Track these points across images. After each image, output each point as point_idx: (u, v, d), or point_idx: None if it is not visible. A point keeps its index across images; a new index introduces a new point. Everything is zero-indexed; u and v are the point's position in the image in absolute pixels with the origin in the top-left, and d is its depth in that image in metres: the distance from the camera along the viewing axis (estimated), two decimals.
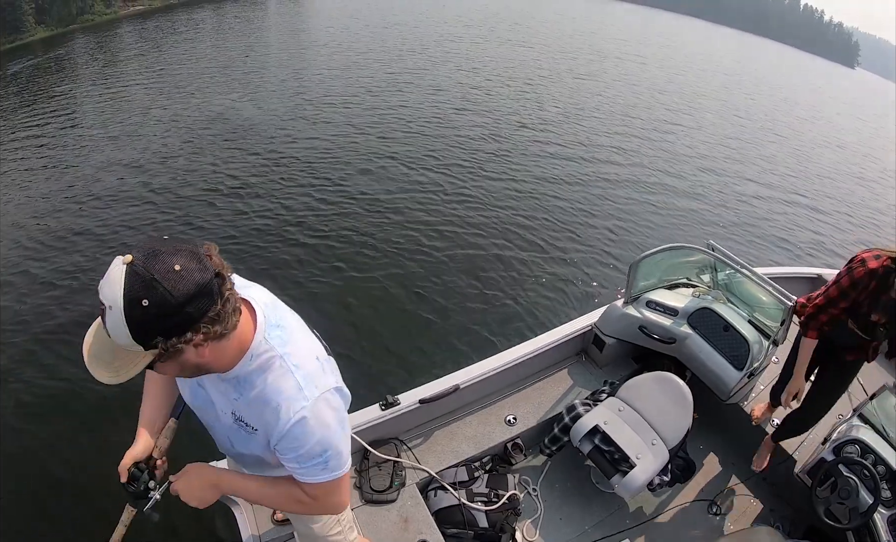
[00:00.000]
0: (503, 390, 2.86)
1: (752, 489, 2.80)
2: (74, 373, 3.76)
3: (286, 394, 1.02)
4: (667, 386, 2.56)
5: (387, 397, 2.48)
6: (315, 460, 1.07)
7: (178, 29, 17.12)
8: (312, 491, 1.14)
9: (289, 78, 12.16)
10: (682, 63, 28.36)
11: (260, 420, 1.07)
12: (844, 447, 2.39)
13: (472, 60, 17.08)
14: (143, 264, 0.79)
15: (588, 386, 2.97)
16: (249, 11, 21.29)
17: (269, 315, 1.07)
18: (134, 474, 1.17)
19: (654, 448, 2.42)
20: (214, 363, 0.97)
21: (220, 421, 1.16)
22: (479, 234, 6.37)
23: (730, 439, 3.00)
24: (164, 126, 8.71)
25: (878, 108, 35.49)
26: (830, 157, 15.16)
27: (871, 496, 2.18)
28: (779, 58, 59.68)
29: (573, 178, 8.87)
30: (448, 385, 2.58)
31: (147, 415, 1.27)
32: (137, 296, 0.78)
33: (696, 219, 8.38)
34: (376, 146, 8.78)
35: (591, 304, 5.22)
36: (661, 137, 12.51)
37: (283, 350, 1.05)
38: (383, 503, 2.34)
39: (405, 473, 2.44)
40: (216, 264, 0.89)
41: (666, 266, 3.16)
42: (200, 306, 0.84)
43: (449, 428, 2.67)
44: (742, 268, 2.73)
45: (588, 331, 3.09)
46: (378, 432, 2.49)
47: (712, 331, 2.81)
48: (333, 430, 1.07)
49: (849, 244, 8.97)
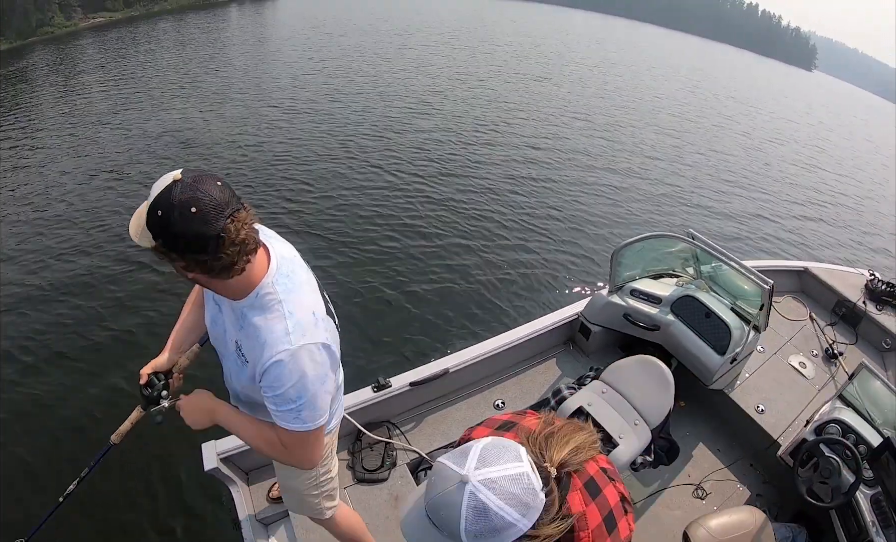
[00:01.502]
0: (492, 375, 2.95)
1: (739, 474, 2.84)
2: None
3: (274, 335, 1.13)
4: (648, 369, 2.63)
5: (379, 379, 2.58)
6: (289, 405, 1.16)
7: (139, 40, 16.98)
8: (285, 437, 1.23)
9: (250, 86, 12.18)
10: (658, 68, 29.03)
11: (251, 353, 1.19)
12: (825, 427, 2.44)
13: (460, 65, 17.60)
14: (180, 188, 0.98)
15: (575, 373, 3.05)
16: (211, 22, 21.05)
17: (283, 265, 1.21)
18: (152, 380, 1.35)
19: (637, 428, 2.49)
20: (210, 286, 1.15)
21: (228, 350, 1.29)
22: (469, 226, 6.59)
23: (716, 425, 3.06)
24: (125, 136, 8.64)
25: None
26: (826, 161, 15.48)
27: (852, 475, 2.22)
28: (740, 63, 59.97)
29: (559, 173, 9.17)
30: (438, 369, 2.67)
31: (177, 336, 1.46)
32: (159, 206, 0.99)
33: (684, 213, 8.65)
34: (367, 141, 9.12)
35: (578, 293, 5.36)
36: (636, 136, 12.91)
37: (284, 297, 1.16)
38: (375, 481, 2.43)
39: (396, 454, 2.53)
40: (229, 229, 1.01)
41: (650, 257, 3.25)
42: (191, 247, 1.01)
43: (439, 411, 2.76)
44: (720, 255, 2.83)
45: (575, 320, 3.18)
46: (370, 414, 2.58)
47: (695, 318, 2.89)
48: (310, 380, 1.15)
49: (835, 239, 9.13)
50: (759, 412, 2.92)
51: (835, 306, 3.80)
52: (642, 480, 2.73)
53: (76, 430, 3.42)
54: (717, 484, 2.78)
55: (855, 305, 3.67)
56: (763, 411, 2.93)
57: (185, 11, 22.50)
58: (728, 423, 3.03)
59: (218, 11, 23.65)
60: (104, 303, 4.64)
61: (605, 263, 6.06)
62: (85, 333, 4.25)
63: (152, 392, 1.33)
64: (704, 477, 2.80)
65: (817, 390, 3.16)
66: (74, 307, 4.57)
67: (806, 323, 3.66)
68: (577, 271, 6.00)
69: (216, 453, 2.14)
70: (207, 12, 22.90)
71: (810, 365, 3.31)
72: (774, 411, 2.95)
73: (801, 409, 2.99)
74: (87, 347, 4.13)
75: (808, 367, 3.29)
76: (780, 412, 2.95)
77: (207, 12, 22.90)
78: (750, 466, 2.89)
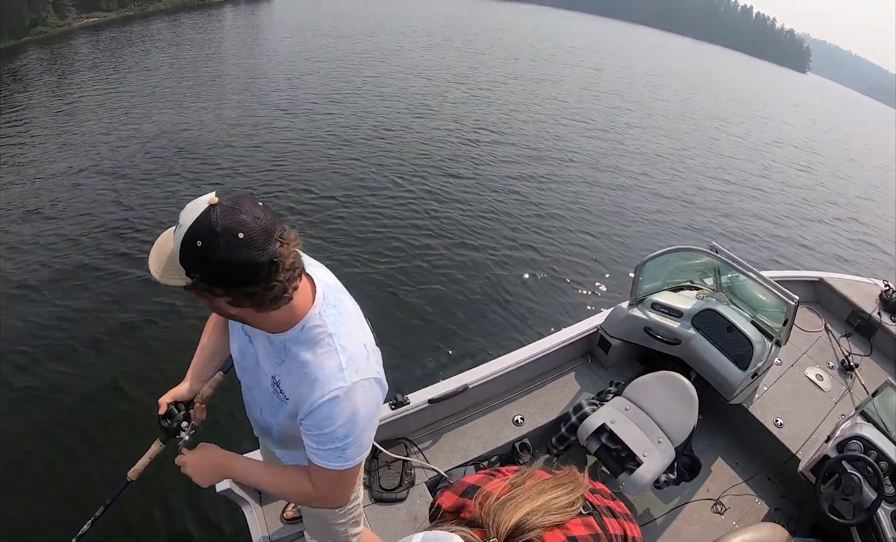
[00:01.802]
0: (511, 390, 2.90)
1: (757, 488, 2.82)
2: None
3: (327, 371, 1.04)
4: (672, 385, 2.59)
5: (396, 396, 2.51)
6: (335, 444, 1.07)
7: (133, 40, 16.57)
8: (321, 476, 1.13)
9: (247, 87, 11.95)
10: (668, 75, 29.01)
11: (295, 391, 1.09)
12: (847, 444, 2.42)
13: (472, 68, 17.46)
14: (220, 213, 0.87)
15: (594, 387, 3.00)
16: (206, 22, 20.69)
17: (329, 295, 1.12)
18: (171, 411, 1.25)
19: (661, 447, 2.45)
20: (253, 322, 1.04)
21: (259, 384, 1.20)
22: (488, 239, 6.49)
23: (735, 439, 3.03)
24: (120, 137, 8.40)
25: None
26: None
27: (874, 491, 2.21)
28: (738, 66, 60.53)
29: (580, 184, 9.10)
30: (457, 385, 2.61)
31: (197, 363, 1.34)
32: (197, 235, 0.87)
33: (699, 224, 8.60)
34: (370, 145, 9.00)
35: (596, 306, 5.29)
36: (657, 144, 12.87)
37: (335, 330, 1.07)
38: (393, 501, 2.36)
39: (414, 472, 2.47)
40: (281, 254, 0.92)
41: (670, 269, 3.20)
42: (239, 278, 0.90)
43: (457, 428, 2.70)
44: (744, 269, 2.79)
45: (594, 333, 3.13)
46: (388, 432, 2.52)
47: (716, 332, 2.85)
48: (361, 418, 1.07)
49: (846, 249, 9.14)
50: (777, 426, 2.89)
51: (849, 316, 3.78)
52: (662, 496, 2.71)
53: (94, 459, 3.24)
54: (736, 499, 2.76)
55: (870, 316, 3.65)
56: (782, 425, 2.90)
57: (179, 11, 22.06)
58: (746, 437, 3.00)
59: (213, 11, 23.27)
60: (99, 304, 4.53)
61: (618, 276, 6.08)
62: (91, 354, 4.06)
63: (172, 424, 1.24)
64: (723, 492, 2.77)
65: (834, 403, 3.14)
66: (61, 308, 4.45)
67: (821, 334, 3.64)
68: (593, 284, 5.94)
69: None
70: (202, 12, 22.51)
71: (827, 377, 3.29)
72: (793, 424, 2.92)
73: (819, 422, 2.96)
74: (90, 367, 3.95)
75: (825, 379, 3.27)
76: (799, 426, 2.92)
77: (202, 12, 22.51)
78: (768, 480, 2.87)
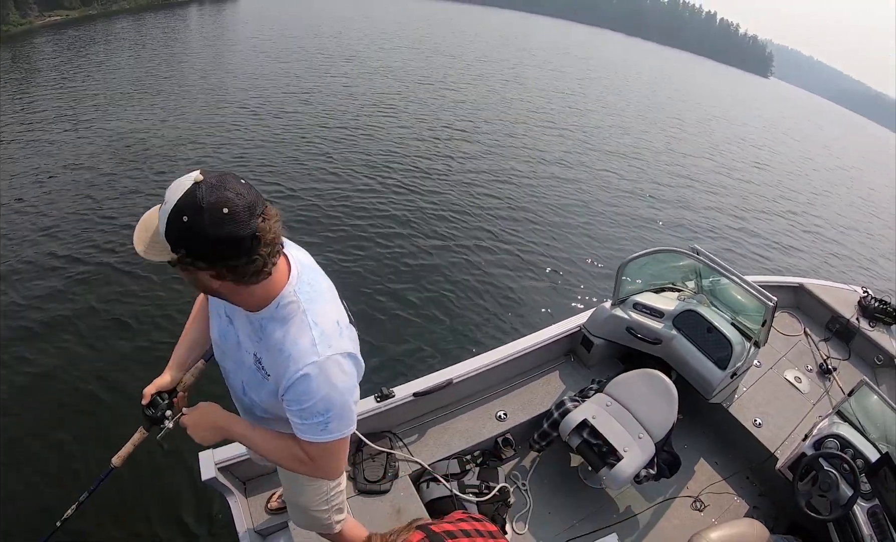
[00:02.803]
0: (494, 386, 2.94)
1: (736, 486, 2.87)
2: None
3: (300, 346, 1.07)
4: (653, 382, 2.65)
5: (381, 389, 2.54)
6: (316, 418, 1.10)
7: (96, 39, 15.98)
8: (310, 450, 1.17)
9: (211, 86, 11.73)
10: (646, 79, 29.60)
11: (274, 367, 1.12)
12: (824, 442, 2.48)
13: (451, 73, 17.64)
14: (205, 190, 0.91)
15: (576, 385, 3.05)
16: (171, 22, 20.22)
17: (303, 273, 1.16)
18: (155, 400, 1.29)
19: (641, 442, 2.50)
20: (233, 298, 1.08)
21: (242, 363, 1.22)
22: (472, 238, 6.57)
23: (714, 438, 3.09)
24: (84, 136, 8.11)
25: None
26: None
27: (850, 488, 2.26)
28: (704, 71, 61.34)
29: (563, 186, 9.27)
30: (441, 380, 2.64)
31: (179, 353, 1.39)
32: (183, 210, 0.91)
33: (682, 226, 8.82)
34: (346, 143, 9.10)
35: (579, 306, 5.36)
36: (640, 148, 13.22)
37: (308, 306, 1.11)
38: (377, 493, 2.38)
39: (398, 464, 2.49)
40: (262, 228, 0.96)
41: (652, 271, 3.27)
42: (222, 252, 0.94)
43: (441, 422, 2.73)
44: (725, 271, 2.86)
45: (576, 332, 3.19)
46: (372, 424, 2.54)
47: (696, 332, 2.91)
48: (339, 392, 1.10)
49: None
50: (756, 426, 2.95)
51: (828, 322, 3.86)
52: (642, 493, 2.75)
53: (79, 446, 3.28)
54: (715, 496, 2.80)
55: (848, 321, 3.74)
56: (760, 424, 2.96)
57: (143, 11, 21.47)
58: (726, 436, 3.06)
59: (177, 11, 22.78)
60: (82, 293, 4.53)
61: (600, 276, 6.17)
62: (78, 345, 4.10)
63: (156, 413, 1.28)
64: (702, 490, 2.82)
65: (812, 404, 3.20)
66: (43, 295, 4.44)
67: (800, 338, 3.72)
68: (576, 284, 6.03)
69: (214, 462, 2.08)
70: (167, 12, 22.05)
71: (805, 380, 3.36)
72: (771, 424, 2.98)
73: (797, 423, 3.03)
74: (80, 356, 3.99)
75: (804, 381, 3.34)
76: (777, 426, 2.98)
77: (167, 12, 22.05)
78: (746, 478, 2.92)
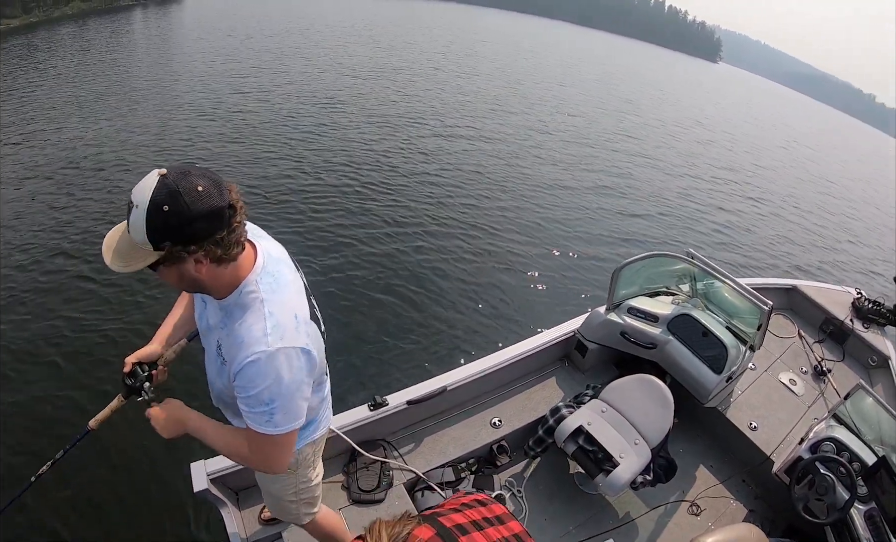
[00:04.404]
0: (489, 393, 2.92)
1: (732, 490, 2.86)
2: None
3: (252, 334, 1.09)
4: (648, 388, 2.64)
5: (375, 397, 2.52)
6: (261, 407, 1.11)
7: (38, 47, 14.74)
8: (254, 440, 1.18)
9: (161, 90, 11.14)
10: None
11: (229, 353, 1.15)
12: (820, 446, 2.48)
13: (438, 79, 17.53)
14: (173, 178, 0.94)
15: (571, 390, 3.04)
16: (116, 26, 19.39)
17: (269, 264, 1.18)
18: (135, 370, 1.32)
19: (637, 448, 2.48)
20: (210, 283, 1.10)
21: (210, 350, 1.25)
22: (465, 243, 6.53)
23: (710, 442, 3.08)
24: (27, 148, 7.46)
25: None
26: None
27: (847, 491, 2.26)
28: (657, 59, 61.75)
29: (557, 189, 9.25)
30: (435, 387, 2.63)
31: (165, 329, 1.43)
32: (161, 201, 0.92)
33: (676, 230, 8.83)
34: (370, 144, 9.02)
35: (573, 311, 5.32)
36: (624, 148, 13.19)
37: (267, 297, 1.13)
38: (371, 502, 2.36)
39: (393, 473, 2.47)
40: (234, 199, 1.02)
41: (647, 275, 3.26)
42: (209, 227, 0.98)
43: (436, 430, 2.71)
44: (719, 275, 2.86)
45: (571, 337, 3.17)
46: (366, 433, 2.52)
47: (691, 336, 2.91)
48: (285, 385, 1.11)
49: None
50: (752, 429, 2.95)
51: (822, 323, 3.87)
52: (639, 498, 2.74)
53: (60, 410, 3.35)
54: (711, 501, 2.79)
55: (842, 323, 3.75)
56: (756, 428, 2.96)
57: (87, 16, 20.51)
58: (721, 440, 3.05)
59: (122, 15, 21.88)
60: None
61: (594, 281, 6.15)
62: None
63: (135, 383, 1.31)
64: (699, 494, 2.81)
65: (807, 406, 3.20)
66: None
67: (795, 340, 3.72)
68: (570, 288, 6.01)
69: (206, 473, 2.05)
70: (111, 16, 21.16)
71: (800, 382, 3.36)
72: (767, 428, 2.98)
73: (793, 426, 3.02)
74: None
75: (798, 384, 3.34)
76: (773, 429, 2.98)
77: (111, 16, 21.16)
78: (743, 482, 2.91)
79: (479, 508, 0.97)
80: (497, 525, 0.95)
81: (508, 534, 0.93)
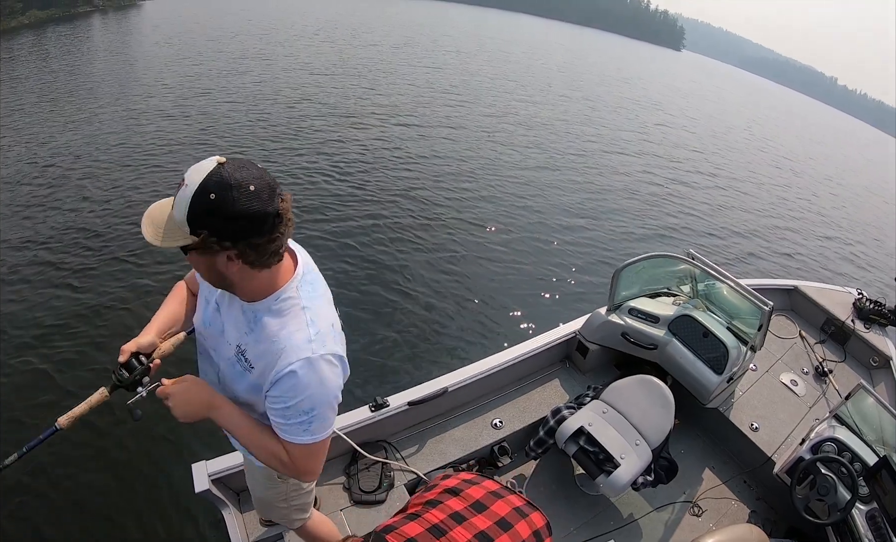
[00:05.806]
0: (489, 394, 2.92)
1: (734, 491, 2.86)
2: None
3: (295, 341, 1.07)
4: (649, 388, 2.64)
5: (376, 398, 2.52)
6: (300, 418, 1.09)
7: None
8: (292, 451, 1.16)
9: (124, 94, 10.83)
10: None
11: (261, 359, 1.11)
12: (822, 446, 2.48)
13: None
14: (228, 169, 0.92)
15: (572, 391, 3.04)
16: (75, 33, 18.88)
17: (307, 272, 1.17)
18: (132, 363, 1.14)
19: (638, 448, 2.48)
20: (239, 283, 1.07)
21: (222, 354, 1.21)
22: (466, 244, 6.54)
23: (711, 443, 3.08)
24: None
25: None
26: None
27: (848, 492, 2.26)
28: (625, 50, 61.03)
29: (557, 190, 9.25)
30: (436, 388, 2.63)
31: (161, 319, 1.29)
32: (210, 188, 0.91)
33: (676, 231, 8.80)
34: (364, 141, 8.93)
35: (574, 312, 5.32)
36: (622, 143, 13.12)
37: (308, 304, 1.12)
38: (372, 503, 2.36)
39: (394, 474, 2.47)
40: (283, 209, 0.99)
41: (647, 276, 3.26)
42: (249, 228, 0.95)
43: (437, 431, 2.71)
44: (720, 276, 2.86)
45: (572, 338, 3.18)
46: (367, 434, 2.52)
47: (692, 337, 2.91)
48: (326, 391, 1.10)
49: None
50: (753, 430, 2.94)
51: (823, 324, 3.87)
52: (640, 498, 2.74)
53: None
54: (713, 501, 2.79)
55: (843, 323, 3.74)
56: (757, 428, 2.95)
57: (45, 24, 19.94)
58: (723, 440, 3.05)
59: (80, 22, 21.38)
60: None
61: (595, 282, 6.14)
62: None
63: (133, 376, 1.11)
64: (700, 495, 2.81)
65: (809, 407, 3.20)
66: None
67: (796, 341, 3.72)
68: (571, 290, 6.02)
69: (207, 474, 2.05)
70: (69, 23, 20.62)
71: (801, 383, 3.36)
72: (768, 428, 2.97)
73: (794, 426, 3.02)
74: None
75: (800, 384, 3.34)
76: (774, 430, 2.98)
77: (69, 23, 20.62)
78: (744, 482, 2.91)
79: (453, 499, 0.95)
80: (477, 514, 0.93)
81: (490, 522, 0.92)
